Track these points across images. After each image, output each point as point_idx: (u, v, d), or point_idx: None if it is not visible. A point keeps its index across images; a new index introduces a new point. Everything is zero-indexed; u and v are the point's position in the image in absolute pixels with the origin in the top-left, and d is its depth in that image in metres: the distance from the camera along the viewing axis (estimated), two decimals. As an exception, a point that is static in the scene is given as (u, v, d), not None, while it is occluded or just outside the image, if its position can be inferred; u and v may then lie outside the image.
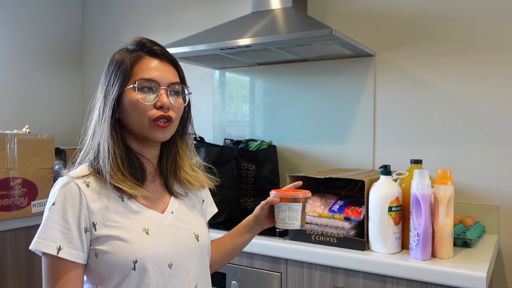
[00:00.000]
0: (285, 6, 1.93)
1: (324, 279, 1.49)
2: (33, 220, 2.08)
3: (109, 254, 0.86)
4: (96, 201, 0.88)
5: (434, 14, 1.85)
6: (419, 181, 1.36)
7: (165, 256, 0.91)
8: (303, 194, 1.06)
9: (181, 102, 0.96)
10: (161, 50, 0.96)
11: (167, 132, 0.94)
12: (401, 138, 1.92)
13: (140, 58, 0.94)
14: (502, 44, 1.72)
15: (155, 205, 0.96)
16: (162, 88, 0.92)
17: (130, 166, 0.93)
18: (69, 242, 0.85)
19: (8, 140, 1.98)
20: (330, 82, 2.08)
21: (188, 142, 1.05)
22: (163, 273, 0.90)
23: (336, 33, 1.59)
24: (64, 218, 0.86)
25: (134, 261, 0.86)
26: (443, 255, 1.38)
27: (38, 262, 2.13)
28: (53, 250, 0.84)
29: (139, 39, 0.97)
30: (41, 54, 2.74)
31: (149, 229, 0.91)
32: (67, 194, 0.87)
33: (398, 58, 1.93)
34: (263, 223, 1.10)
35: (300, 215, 1.04)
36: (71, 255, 0.85)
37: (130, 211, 0.91)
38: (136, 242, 0.88)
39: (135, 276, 0.86)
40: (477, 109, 1.77)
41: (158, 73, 0.93)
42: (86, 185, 0.89)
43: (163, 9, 2.61)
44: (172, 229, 0.95)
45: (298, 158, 2.16)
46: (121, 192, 0.91)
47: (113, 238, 0.87)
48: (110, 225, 0.88)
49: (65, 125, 2.88)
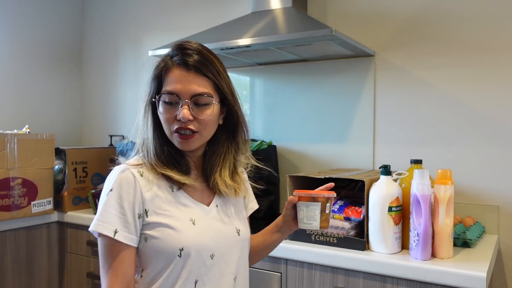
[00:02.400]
0: (285, 6, 1.93)
1: (324, 279, 1.49)
2: (33, 220, 2.08)
3: (158, 240, 0.92)
4: (148, 190, 0.94)
5: (434, 14, 1.85)
6: (419, 181, 1.36)
7: (208, 247, 0.95)
8: (324, 193, 1.02)
9: (207, 113, 0.94)
10: (190, 58, 0.94)
11: (190, 143, 0.96)
12: (401, 138, 1.92)
13: (169, 68, 0.96)
14: (502, 44, 1.72)
15: (201, 199, 1.02)
16: (183, 100, 0.93)
17: (176, 161, 0.98)
18: (124, 226, 0.91)
19: (8, 140, 1.98)
20: (330, 82, 2.08)
21: (240, 145, 1.05)
22: (205, 262, 0.95)
23: (336, 33, 1.59)
24: (120, 204, 0.91)
25: (180, 249, 0.92)
26: (443, 255, 1.38)
27: (38, 262, 2.13)
28: (110, 233, 0.90)
29: (175, 45, 0.98)
30: (41, 54, 2.74)
31: (195, 220, 0.96)
32: (123, 181, 0.93)
33: (398, 58, 1.93)
34: (290, 224, 1.09)
35: (319, 216, 1.01)
36: (126, 238, 0.91)
37: (179, 201, 0.97)
38: (184, 231, 0.93)
39: (180, 263, 0.92)
40: (477, 109, 1.77)
41: (181, 85, 0.93)
42: (140, 174, 0.96)
43: (163, 9, 2.61)
44: (216, 222, 1.00)
45: (298, 158, 2.16)
46: (171, 182, 0.98)
47: (162, 225, 0.92)
48: (160, 213, 0.94)
49: (65, 125, 2.88)
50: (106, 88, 2.86)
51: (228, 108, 1.00)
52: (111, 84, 2.84)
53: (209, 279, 0.96)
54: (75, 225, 2.15)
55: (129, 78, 2.75)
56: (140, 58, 2.70)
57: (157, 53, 2.00)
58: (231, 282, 1.00)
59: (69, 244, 2.19)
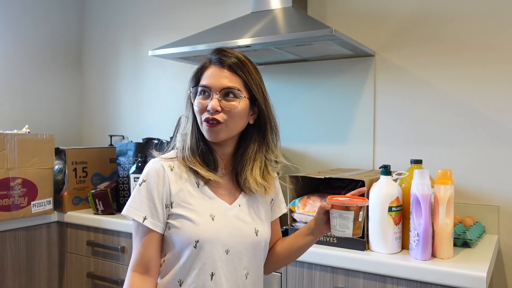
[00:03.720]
0: (285, 6, 1.93)
1: (324, 279, 1.49)
2: (33, 220, 2.08)
3: (178, 229, 1.01)
4: (176, 183, 1.04)
5: (434, 14, 1.85)
6: (419, 181, 1.36)
7: (224, 243, 1.03)
8: (358, 202, 1.03)
9: (232, 105, 1.02)
10: (227, 58, 1.04)
11: (216, 132, 1.03)
12: (401, 138, 1.92)
13: (206, 66, 1.06)
14: (502, 44, 1.72)
15: (225, 196, 1.08)
16: (214, 93, 1.02)
17: (205, 158, 1.07)
18: (153, 214, 1.02)
19: (8, 140, 1.98)
20: (330, 82, 2.08)
21: (271, 145, 1.12)
22: (221, 257, 1.02)
23: (336, 33, 1.59)
24: (151, 193, 1.02)
25: (196, 241, 1.00)
26: (443, 255, 1.38)
27: (38, 262, 2.13)
28: (140, 218, 1.01)
29: (215, 48, 1.08)
30: (41, 54, 2.74)
31: (215, 216, 1.04)
32: (154, 173, 1.03)
33: (398, 58, 1.93)
34: (322, 228, 1.11)
35: (352, 224, 1.03)
36: (153, 225, 1.02)
37: (203, 197, 1.05)
38: (202, 225, 1.01)
39: (194, 253, 1.00)
40: (477, 109, 1.77)
41: (213, 79, 1.03)
42: (170, 168, 1.05)
43: (163, 9, 2.61)
44: (236, 221, 1.06)
45: (298, 158, 2.16)
46: (198, 178, 1.06)
47: (183, 217, 1.02)
48: (183, 206, 1.03)
49: (65, 125, 2.88)
50: (106, 88, 2.86)
51: (259, 109, 1.07)
52: (111, 84, 2.84)
53: (224, 273, 1.03)
54: (75, 225, 2.15)
55: (129, 78, 2.75)
56: (140, 58, 2.70)
57: (157, 53, 2.00)
58: (243, 278, 1.06)
59: (69, 244, 2.19)
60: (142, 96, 2.70)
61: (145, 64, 2.68)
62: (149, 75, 2.67)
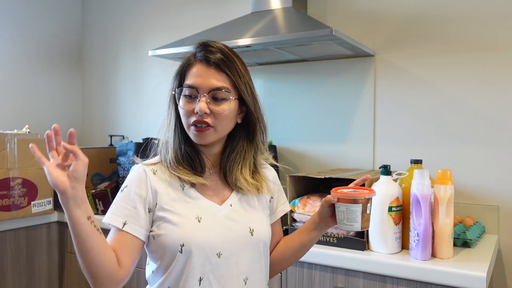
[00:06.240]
0: (285, 6, 1.93)
1: (324, 279, 1.49)
2: (33, 220, 2.08)
3: (162, 236, 0.96)
4: (159, 187, 0.99)
5: (434, 14, 1.85)
6: (419, 181, 1.36)
7: (213, 245, 0.96)
8: (365, 194, 0.96)
9: (222, 108, 0.97)
10: (213, 55, 0.98)
11: (205, 136, 0.98)
12: (401, 138, 1.92)
13: (191, 63, 1.00)
14: (502, 44, 1.72)
15: (214, 197, 1.03)
16: (201, 94, 0.96)
17: (189, 160, 1.02)
18: (134, 219, 0.96)
19: (8, 140, 1.98)
20: (330, 82, 2.08)
21: (259, 145, 1.06)
22: (211, 260, 0.95)
23: (336, 33, 1.59)
24: (131, 198, 0.97)
25: (181, 245, 0.94)
26: (443, 255, 1.38)
27: (38, 262, 2.13)
28: (119, 224, 0.95)
29: (199, 43, 1.01)
30: (41, 54, 2.74)
31: (202, 218, 0.98)
32: (136, 178, 1.00)
33: (398, 58, 1.93)
34: (327, 221, 1.05)
35: (360, 217, 0.96)
36: (133, 230, 0.95)
37: (187, 199, 1.00)
38: (185, 227, 0.95)
39: (182, 259, 0.94)
40: (477, 109, 1.77)
41: (200, 79, 0.97)
42: (153, 172, 1.01)
43: (163, 9, 2.61)
44: (227, 221, 1.00)
45: (298, 158, 2.16)
46: (182, 181, 1.01)
47: (166, 221, 0.96)
48: (166, 209, 0.97)
49: (65, 125, 2.88)
50: (106, 88, 2.86)
51: (247, 107, 1.02)
52: (111, 84, 2.84)
53: (215, 277, 0.96)
54: (75, 225, 2.15)
55: (129, 78, 2.75)
56: (140, 58, 2.70)
57: (157, 53, 2.00)
58: (241, 283, 0.99)
59: (69, 244, 2.19)
60: (142, 96, 2.70)
61: (145, 64, 2.68)
62: (149, 75, 2.67)
